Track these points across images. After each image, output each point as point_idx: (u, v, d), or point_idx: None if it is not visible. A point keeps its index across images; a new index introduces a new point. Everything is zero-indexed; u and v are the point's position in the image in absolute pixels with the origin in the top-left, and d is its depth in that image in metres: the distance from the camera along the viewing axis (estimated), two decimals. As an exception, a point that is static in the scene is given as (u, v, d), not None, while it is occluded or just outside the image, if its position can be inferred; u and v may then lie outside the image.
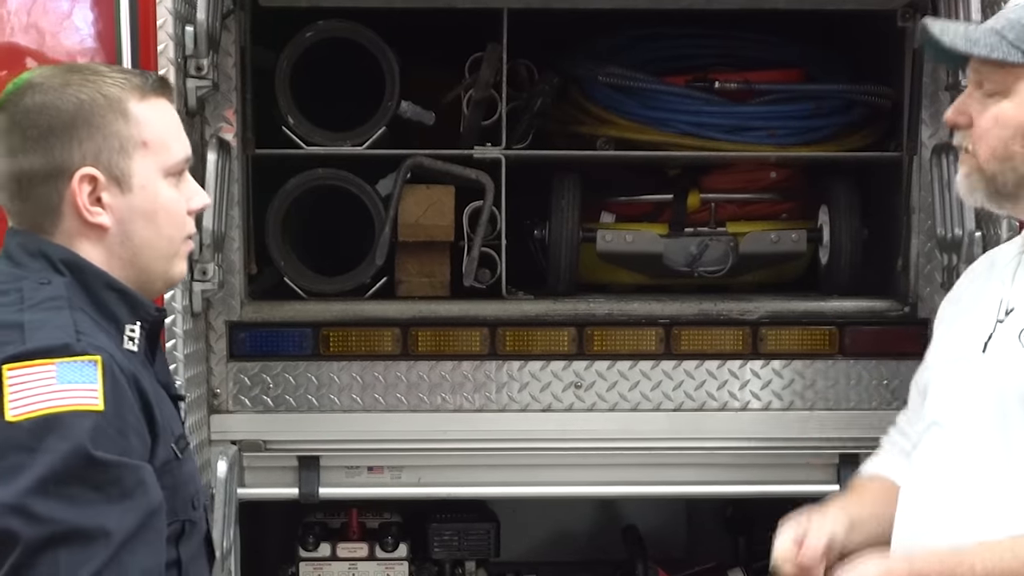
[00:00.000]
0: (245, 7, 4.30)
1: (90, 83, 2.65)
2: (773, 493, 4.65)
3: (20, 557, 2.39)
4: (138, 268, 2.70)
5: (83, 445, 2.42)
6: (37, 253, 2.65)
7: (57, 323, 2.53)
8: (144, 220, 2.68)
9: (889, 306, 4.51)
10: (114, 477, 2.45)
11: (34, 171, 2.62)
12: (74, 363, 2.48)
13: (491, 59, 4.52)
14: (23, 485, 2.40)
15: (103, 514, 2.42)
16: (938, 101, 4.38)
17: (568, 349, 4.45)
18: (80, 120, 2.62)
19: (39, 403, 2.44)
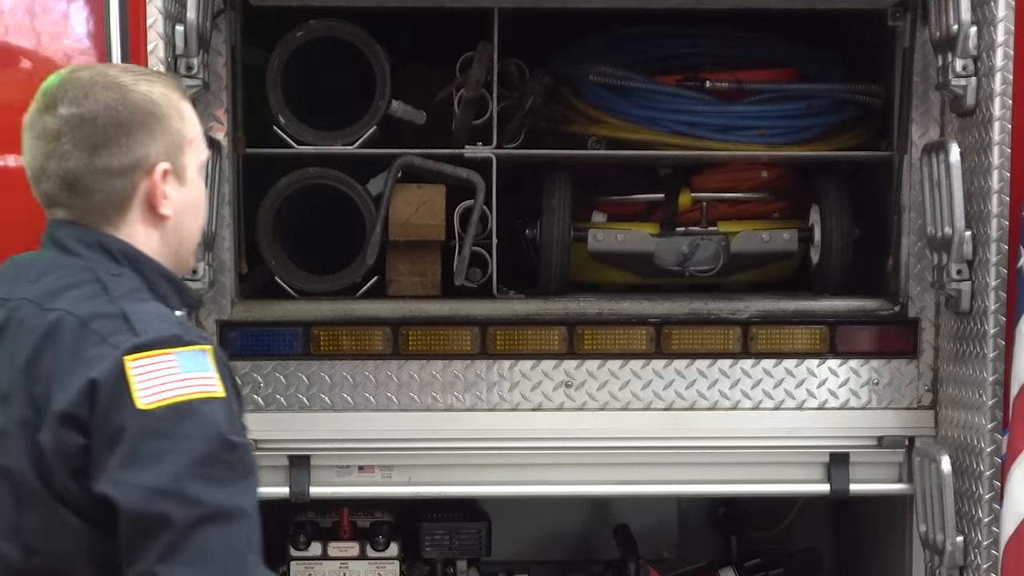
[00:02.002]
0: (236, 6, 4.29)
1: (153, 82, 2.83)
2: (763, 492, 4.68)
3: (172, 538, 2.52)
4: (178, 256, 2.89)
5: (219, 429, 2.59)
6: (95, 245, 2.79)
7: (158, 314, 2.70)
8: (192, 212, 2.89)
9: (879, 305, 4.52)
10: (241, 457, 2.62)
11: (113, 166, 2.76)
12: (189, 352, 2.63)
13: (482, 58, 4.51)
14: (171, 470, 2.54)
15: (239, 492, 2.60)
16: (928, 100, 4.39)
17: (559, 348, 4.45)
18: (153, 117, 2.77)
19: (168, 391, 2.58)
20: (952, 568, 4.22)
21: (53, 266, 2.82)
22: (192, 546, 2.54)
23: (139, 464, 2.57)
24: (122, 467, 2.56)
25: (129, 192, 2.79)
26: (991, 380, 4.05)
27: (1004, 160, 3.99)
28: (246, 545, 2.61)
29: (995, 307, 4.03)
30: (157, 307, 2.73)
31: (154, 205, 2.81)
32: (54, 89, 2.80)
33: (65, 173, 2.78)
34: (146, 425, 2.57)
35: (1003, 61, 3.97)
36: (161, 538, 2.54)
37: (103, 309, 2.69)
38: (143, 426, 2.57)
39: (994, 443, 4.06)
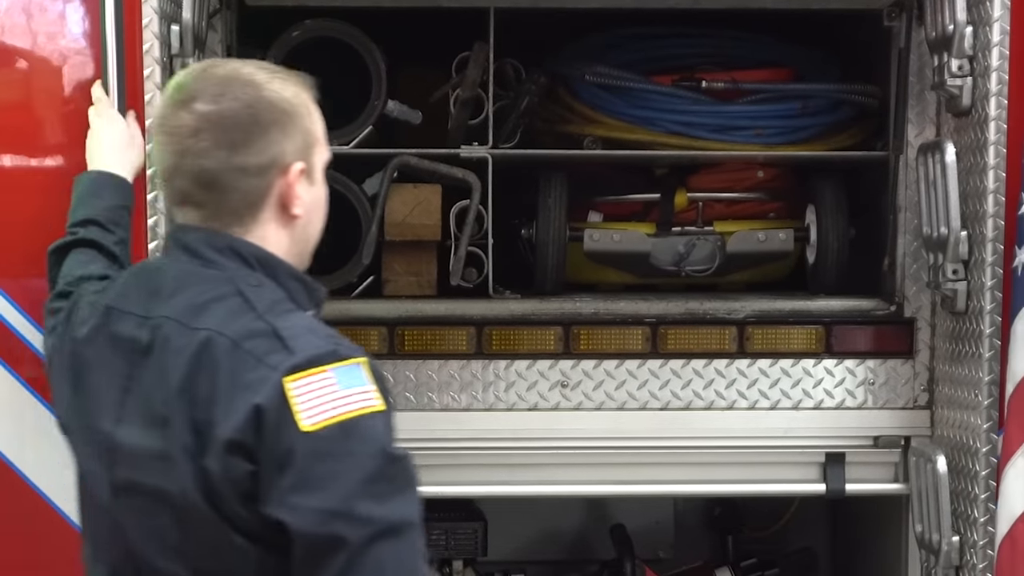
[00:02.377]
0: (231, 6, 4.29)
1: (286, 80, 2.82)
2: (759, 492, 4.68)
3: (347, 558, 2.53)
4: (303, 256, 2.89)
5: (382, 445, 2.59)
6: (227, 250, 2.77)
7: (307, 327, 2.69)
8: (317, 211, 2.89)
9: (875, 305, 4.52)
10: (403, 469, 2.62)
11: (250, 164, 2.74)
12: (346, 367, 2.61)
13: (478, 58, 4.52)
14: (341, 491, 2.54)
15: (405, 505, 2.60)
16: (924, 100, 4.39)
17: (555, 348, 4.45)
18: (287, 116, 2.77)
19: (330, 410, 2.56)
20: (948, 568, 4.22)
21: (188, 277, 2.78)
22: (367, 564, 2.55)
23: (309, 487, 2.56)
24: (292, 491, 2.56)
25: (264, 191, 2.77)
26: (987, 380, 4.05)
27: (1000, 160, 3.99)
28: (416, 555, 2.62)
29: (991, 307, 4.03)
30: (303, 319, 2.72)
31: (287, 205, 2.79)
32: (190, 85, 2.78)
33: (201, 171, 2.74)
34: (312, 447, 2.56)
35: (999, 61, 3.97)
36: (337, 559, 2.54)
37: (253, 327, 2.66)
38: (309, 448, 2.56)
39: (990, 443, 4.06)
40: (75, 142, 3.96)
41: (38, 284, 4.00)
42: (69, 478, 4.01)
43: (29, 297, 4.01)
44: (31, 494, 4.04)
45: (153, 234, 3.92)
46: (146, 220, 3.92)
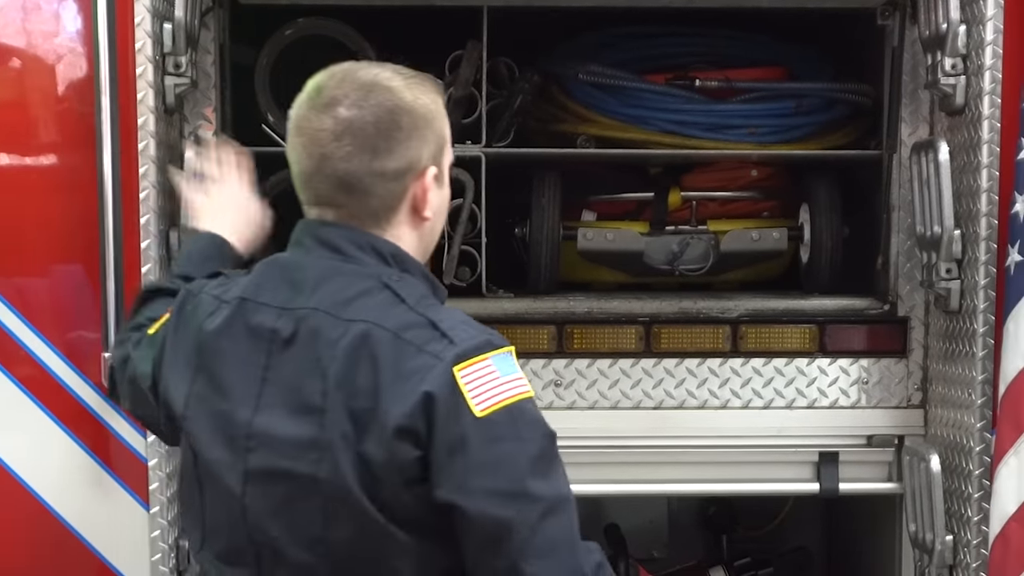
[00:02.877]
0: (224, 4, 4.28)
1: (423, 87, 2.90)
2: (753, 491, 4.67)
3: (525, 536, 2.66)
4: (426, 255, 2.99)
5: (546, 426, 2.75)
6: (367, 247, 2.86)
7: (459, 318, 2.80)
8: (443, 213, 2.99)
9: (869, 304, 4.51)
10: (556, 449, 2.76)
11: (389, 169, 2.82)
12: (500, 355, 2.74)
13: (471, 57, 4.51)
14: (516, 472, 2.68)
15: (563, 481, 2.75)
16: (918, 99, 4.38)
17: (548, 347, 4.44)
18: (424, 122, 2.85)
19: (497, 396, 2.69)
20: (941, 567, 4.22)
21: (331, 272, 2.85)
22: (543, 540, 2.67)
23: (484, 470, 2.67)
24: (467, 474, 2.67)
25: (400, 195, 2.86)
26: (980, 379, 4.05)
27: (993, 159, 3.99)
28: (576, 526, 2.74)
29: (984, 306, 4.03)
30: (450, 311, 2.82)
31: (419, 207, 2.88)
32: (331, 89, 2.85)
33: (344, 174, 2.81)
34: (486, 432, 2.67)
35: (992, 60, 3.97)
36: (515, 538, 2.66)
37: (408, 318, 2.75)
38: (483, 433, 2.67)
39: (983, 442, 4.06)
40: (68, 142, 3.96)
41: (31, 284, 4.01)
42: (63, 478, 4.04)
43: (22, 298, 4.01)
44: (24, 493, 4.03)
45: (145, 232, 3.92)
46: (138, 218, 3.91)
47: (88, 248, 3.90)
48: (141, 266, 3.93)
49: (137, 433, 3.99)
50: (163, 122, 4.01)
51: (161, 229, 3.98)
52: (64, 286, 4.01)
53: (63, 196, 3.97)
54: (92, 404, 3.99)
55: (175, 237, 4.00)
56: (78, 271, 3.99)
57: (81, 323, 4.00)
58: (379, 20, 4.58)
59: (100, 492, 4.03)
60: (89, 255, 3.92)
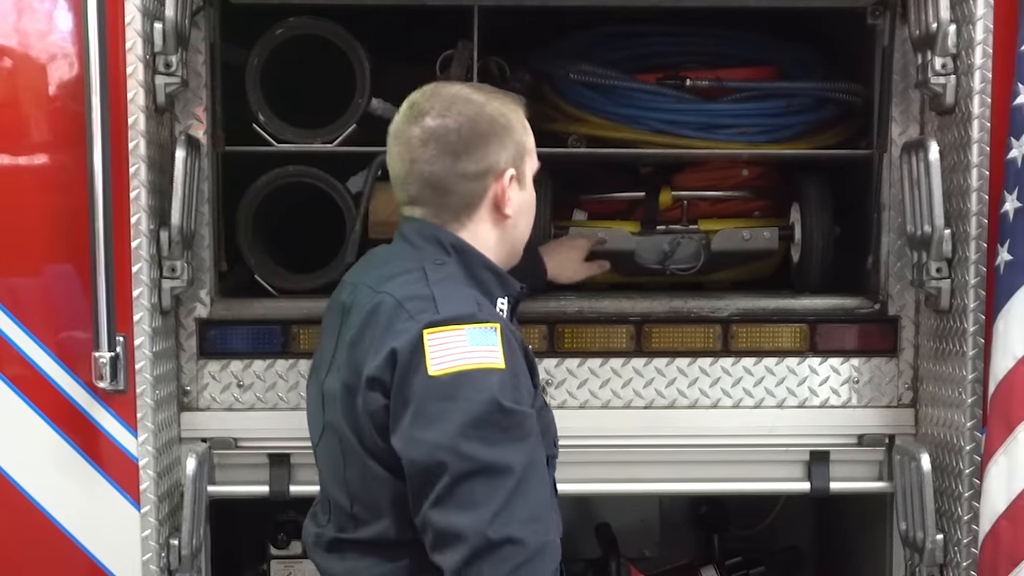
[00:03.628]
0: (214, 4, 4.28)
1: (499, 99, 3.34)
2: (744, 490, 4.67)
3: (446, 485, 2.99)
4: (513, 252, 3.41)
5: (494, 395, 3.02)
6: (432, 238, 3.29)
7: (462, 296, 3.17)
8: (526, 213, 3.42)
9: (860, 303, 4.51)
10: (516, 422, 3.05)
11: (470, 171, 3.26)
12: (479, 328, 3.08)
13: (462, 57, 4.52)
14: (451, 428, 3.00)
15: (509, 452, 3.02)
16: (908, 99, 4.39)
17: (539, 346, 4.44)
18: (503, 129, 3.29)
19: (455, 360, 3.04)
20: (932, 566, 4.23)
21: (394, 256, 3.35)
22: (461, 494, 2.98)
23: (425, 422, 3.03)
24: (411, 424, 3.04)
25: (480, 194, 3.29)
26: (970, 378, 4.06)
27: (983, 158, 4.00)
28: (509, 496, 2.98)
29: (974, 305, 4.04)
30: (466, 291, 3.20)
31: (500, 206, 3.30)
32: (422, 103, 3.30)
33: (430, 176, 3.27)
34: (432, 389, 3.03)
35: (982, 59, 3.98)
36: (436, 486, 3.00)
37: (417, 291, 3.17)
38: (430, 390, 3.03)
39: (974, 441, 4.06)
40: (59, 141, 3.96)
41: (22, 283, 4.01)
42: (54, 478, 4.04)
43: (13, 297, 4.01)
44: (14, 492, 4.03)
45: (136, 232, 3.92)
46: (129, 217, 3.91)
47: (79, 247, 3.90)
48: (132, 265, 3.94)
49: (128, 432, 3.99)
50: (154, 121, 4.01)
51: (152, 228, 3.98)
52: (55, 285, 4.00)
53: (54, 195, 3.96)
54: (83, 403, 3.98)
55: (165, 236, 4.00)
56: (69, 270, 3.99)
57: (72, 322, 3.99)
58: (370, 19, 4.59)
59: (90, 491, 4.03)
60: (80, 254, 3.91)
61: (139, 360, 3.96)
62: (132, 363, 3.96)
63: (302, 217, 4.74)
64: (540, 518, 3.07)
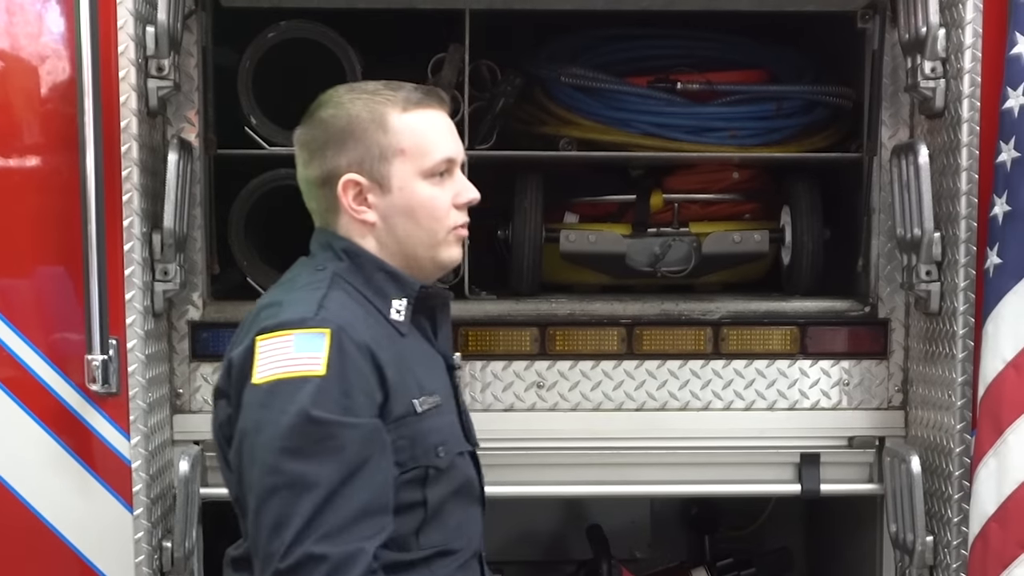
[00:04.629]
0: (206, 7, 4.28)
1: (360, 100, 3.16)
2: (735, 492, 4.68)
3: (257, 499, 2.91)
4: (405, 256, 3.19)
5: (304, 406, 2.90)
6: (326, 245, 3.20)
7: (305, 300, 3.04)
8: (403, 216, 3.17)
9: (850, 306, 4.53)
10: (331, 433, 2.91)
11: (313, 177, 3.19)
12: (308, 334, 2.96)
13: (453, 60, 4.52)
14: (262, 440, 2.91)
15: (318, 466, 2.89)
16: (898, 102, 4.40)
17: (530, 349, 4.46)
18: (347, 133, 3.14)
19: (274, 368, 2.95)
20: (922, 568, 4.24)
21: (298, 265, 3.26)
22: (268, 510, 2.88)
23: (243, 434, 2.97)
24: (238, 436, 2.99)
25: (333, 200, 3.17)
26: (960, 381, 4.07)
27: (973, 162, 4.01)
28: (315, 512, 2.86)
29: (964, 308, 4.05)
30: (316, 295, 3.04)
31: (351, 213, 3.16)
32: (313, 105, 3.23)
33: (299, 182, 3.25)
34: (253, 398, 2.96)
35: (971, 63, 4.00)
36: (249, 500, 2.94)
37: (278, 297, 3.11)
38: (252, 399, 2.96)
39: (963, 443, 4.08)
40: (51, 144, 3.96)
41: (14, 286, 4.01)
42: (47, 480, 4.04)
43: (5, 299, 4.02)
44: (7, 494, 4.03)
45: (128, 235, 3.92)
46: (122, 221, 3.92)
47: (71, 250, 3.90)
48: (124, 268, 3.94)
49: (120, 435, 3.99)
50: (146, 125, 4.01)
51: (144, 231, 3.98)
52: (47, 288, 4.01)
53: (46, 198, 3.97)
54: (75, 406, 3.99)
55: (158, 239, 4.01)
56: (61, 273, 3.99)
57: (64, 325, 4.00)
58: (362, 23, 4.59)
59: (83, 494, 4.03)
60: (72, 257, 3.91)
61: (132, 363, 3.97)
62: (125, 366, 3.97)
63: (294, 220, 4.74)
64: (350, 528, 2.90)
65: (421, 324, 3.25)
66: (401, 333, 3.16)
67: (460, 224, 3.24)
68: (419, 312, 3.23)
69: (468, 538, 3.26)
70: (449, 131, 3.24)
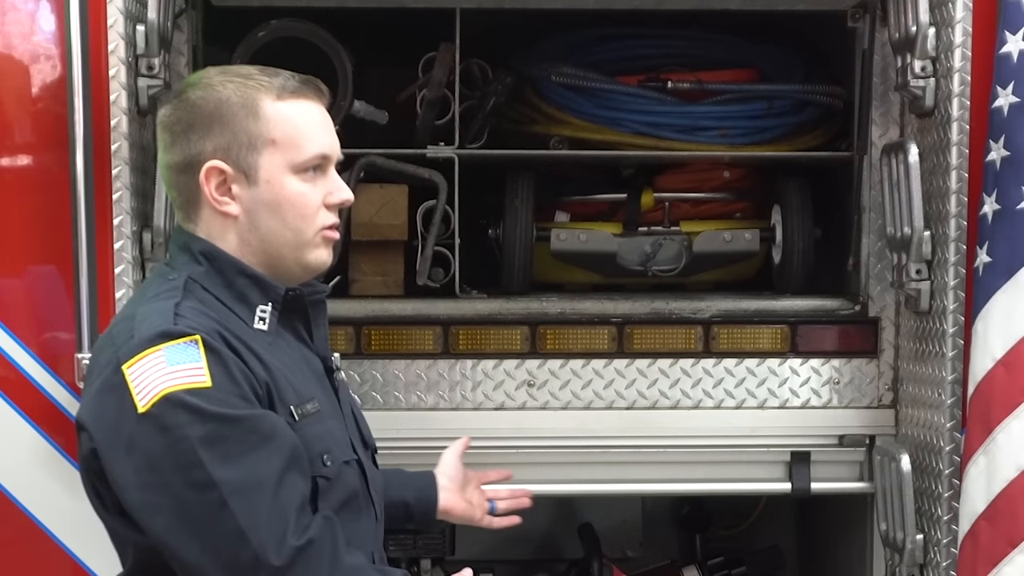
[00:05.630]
0: (197, 6, 4.29)
1: (232, 83, 2.93)
2: (725, 491, 4.68)
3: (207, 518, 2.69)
4: (268, 255, 2.97)
5: (209, 411, 2.71)
6: (184, 247, 2.97)
7: (159, 311, 2.82)
8: (268, 211, 2.94)
9: (840, 305, 4.53)
10: (249, 427, 2.74)
11: (175, 163, 2.95)
12: (177, 345, 2.74)
13: (444, 59, 4.52)
14: (178, 462, 2.69)
15: (255, 463, 2.72)
16: (888, 101, 4.41)
17: (521, 348, 4.46)
18: (214, 118, 2.90)
19: (157, 386, 2.71)
20: (912, 566, 4.24)
21: (150, 275, 3.11)
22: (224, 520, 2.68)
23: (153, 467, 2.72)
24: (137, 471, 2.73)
25: (194, 190, 2.94)
26: (950, 379, 4.08)
27: (962, 160, 4.01)
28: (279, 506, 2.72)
29: (954, 306, 4.05)
30: (170, 304, 2.83)
31: (214, 204, 2.93)
32: (181, 87, 3.01)
33: (160, 169, 3.02)
34: (145, 426, 2.70)
35: (961, 62, 4.00)
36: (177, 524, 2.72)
37: (127, 312, 2.91)
38: (143, 428, 2.71)
39: (953, 442, 4.08)
40: (41, 143, 3.96)
41: (4, 285, 4.01)
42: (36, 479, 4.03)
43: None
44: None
45: (118, 233, 3.92)
46: (112, 220, 3.92)
47: (62, 249, 3.90)
48: (114, 267, 3.93)
49: (110, 434, 3.99)
50: (136, 124, 4.00)
51: (134, 230, 3.98)
52: (38, 287, 4.00)
53: (36, 197, 3.96)
54: (65, 405, 3.98)
55: (148, 238, 4.00)
56: (52, 272, 3.99)
57: (55, 324, 3.99)
58: (352, 22, 4.59)
59: (74, 492, 3.99)
60: (63, 256, 3.91)
61: (122, 361, 3.96)
62: (115, 364, 3.96)
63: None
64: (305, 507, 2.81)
65: (293, 325, 3.07)
66: (268, 342, 2.96)
67: (330, 225, 3.02)
68: (291, 313, 3.05)
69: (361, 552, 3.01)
70: (326, 125, 3.03)
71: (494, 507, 3.93)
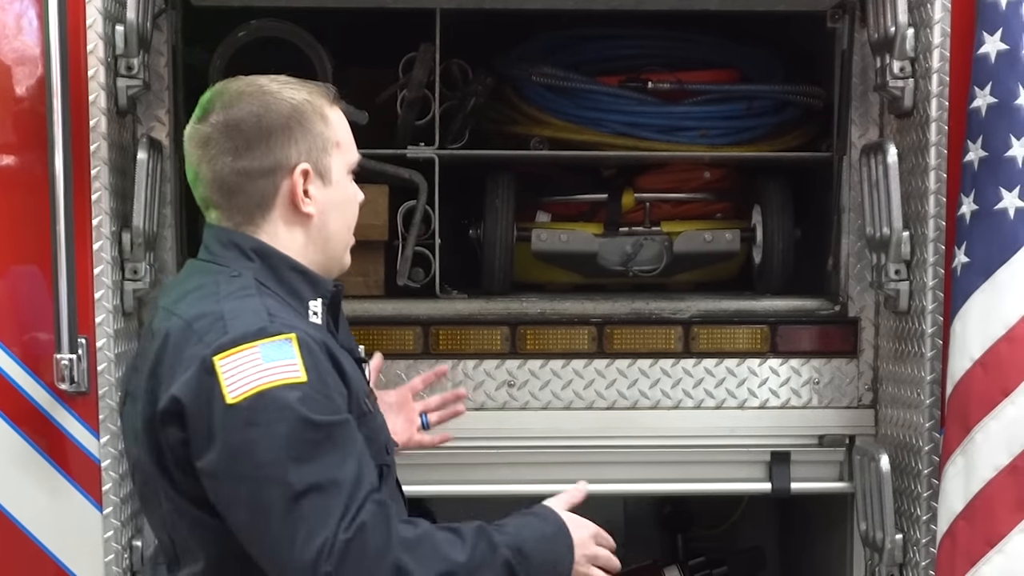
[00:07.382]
0: (176, 6, 4.28)
1: (294, 89, 3.08)
2: (705, 491, 4.69)
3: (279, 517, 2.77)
4: (326, 253, 3.13)
5: (300, 412, 2.79)
6: (229, 244, 3.05)
7: (251, 309, 2.90)
8: (338, 211, 3.13)
9: (820, 305, 4.54)
10: (329, 434, 2.82)
11: (254, 168, 3.01)
12: (273, 343, 2.84)
13: (424, 59, 4.53)
14: (259, 458, 2.78)
15: (331, 467, 2.80)
16: (867, 102, 4.41)
17: (501, 348, 4.46)
18: (294, 122, 3.03)
19: (251, 382, 2.80)
20: (892, 565, 4.25)
21: (192, 269, 3.13)
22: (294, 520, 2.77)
23: (233, 455, 2.80)
24: (220, 459, 2.82)
25: (271, 192, 3.04)
26: (929, 379, 4.09)
27: (941, 161, 4.02)
28: (343, 509, 2.79)
29: (932, 307, 4.06)
30: (256, 303, 2.92)
31: (295, 204, 3.04)
32: (207, 100, 3.08)
33: (215, 176, 3.03)
34: (234, 418, 2.79)
35: (939, 63, 4.00)
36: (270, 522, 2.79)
37: (206, 309, 2.93)
38: (231, 419, 2.80)
39: (932, 441, 4.09)
40: (20, 143, 3.95)
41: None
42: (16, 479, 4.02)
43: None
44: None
45: (97, 234, 3.92)
46: (91, 220, 3.91)
47: (40, 249, 3.89)
48: (93, 267, 3.93)
49: (90, 434, 3.98)
50: (115, 124, 4.00)
51: (113, 231, 3.97)
52: (16, 287, 3.99)
53: (15, 197, 3.95)
54: (44, 405, 3.97)
55: (127, 238, 4.00)
56: (30, 272, 3.98)
57: (34, 324, 3.98)
58: (333, 22, 4.59)
59: (53, 493, 4.02)
60: (41, 256, 3.90)
61: (101, 362, 3.96)
62: (94, 365, 3.95)
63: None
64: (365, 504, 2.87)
65: (326, 321, 3.16)
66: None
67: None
68: (329, 308, 3.16)
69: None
70: None
71: (426, 421, 4.01)
